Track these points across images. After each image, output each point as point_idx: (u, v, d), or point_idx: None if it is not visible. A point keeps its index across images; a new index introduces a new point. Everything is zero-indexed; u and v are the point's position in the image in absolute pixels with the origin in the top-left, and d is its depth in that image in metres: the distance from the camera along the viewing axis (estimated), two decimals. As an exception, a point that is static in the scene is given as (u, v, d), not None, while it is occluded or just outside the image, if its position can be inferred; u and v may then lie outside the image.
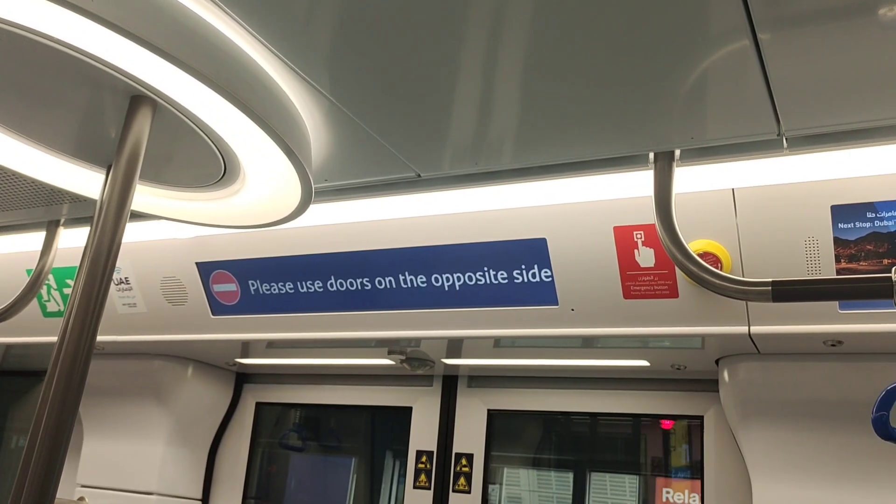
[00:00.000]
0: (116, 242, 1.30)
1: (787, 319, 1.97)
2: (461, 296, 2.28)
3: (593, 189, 1.94)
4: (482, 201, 2.07)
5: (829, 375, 2.17)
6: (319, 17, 1.25)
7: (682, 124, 1.51)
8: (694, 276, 1.64)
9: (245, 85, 1.29)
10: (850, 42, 1.22)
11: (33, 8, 1.13)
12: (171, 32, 1.17)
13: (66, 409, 1.19)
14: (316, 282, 2.46)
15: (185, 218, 1.87)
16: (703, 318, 2.05)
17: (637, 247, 2.02)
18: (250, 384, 3.58)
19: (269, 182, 1.64)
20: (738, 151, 1.64)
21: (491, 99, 1.46)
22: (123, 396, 3.32)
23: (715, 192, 1.89)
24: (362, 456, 3.50)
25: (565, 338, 2.27)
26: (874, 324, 1.88)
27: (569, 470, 3.02)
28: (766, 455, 2.26)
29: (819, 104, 1.41)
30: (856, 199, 1.77)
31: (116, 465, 3.30)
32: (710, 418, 2.68)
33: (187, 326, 2.80)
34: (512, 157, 1.71)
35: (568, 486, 2.99)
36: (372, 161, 1.77)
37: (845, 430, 2.15)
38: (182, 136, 1.47)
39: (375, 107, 1.51)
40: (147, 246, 2.65)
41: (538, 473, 3.09)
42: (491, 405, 3.08)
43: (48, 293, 2.98)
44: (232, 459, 3.51)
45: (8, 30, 1.19)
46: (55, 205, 2.28)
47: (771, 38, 1.22)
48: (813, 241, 1.84)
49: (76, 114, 1.45)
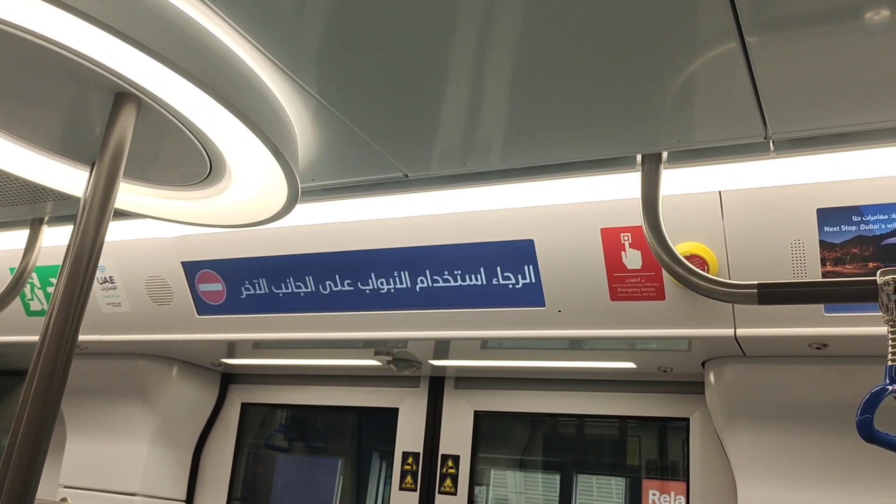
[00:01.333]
0: (99, 240, 1.29)
1: (772, 322, 1.98)
2: (448, 297, 2.27)
3: (581, 191, 1.95)
4: (469, 202, 2.07)
5: (814, 378, 2.18)
6: (307, 17, 1.24)
7: (669, 126, 1.51)
8: (680, 278, 1.64)
9: (231, 83, 1.28)
10: (837, 46, 1.22)
11: (17, 4, 1.12)
12: (157, 29, 1.16)
13: (46, 408, 1.18)
14: (303, 282, 2.45)
15: (170, 217, 1.85)
16: (689, 320, 2.06)
17: (624, 249, 2.02)
18: (236, 384, 3.56)
19: (256, 181, 1.63)
20: (726, 154, 1.64)
21: (479, 100, 1.46)
22: (107, 396, 3.29)
23: (702, 195, 1.89)
24: (348, 457, 3.49)
25: (552, 339, 2.27)
26: (859, 327, 1.89)
27: (555, 471, 3.02)
28: (751, 457, 2.27)
29: (806, 108, 1.42)
30: (842, 202, 1.78)
31: (99, 466, 3.27)
32: (696, 420, 2.68)
33: (172, 326, 2.78)
34: (500, 158, 1.71)
35: (555, 487, 2.99)
36: (359, 161, 1.76)
37: (830, 432, 2.16)
38: (167, 133, 1.45)
39: (363, 107, 1.50)
40: (132, 245, 2.63)
41: (525, 475, 3.08)
42: (478, 406, 3.07)
43: (31, 292, 2.95)
44: (217, 460, 3.49)
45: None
46: (39, 203, 2.26)
47: (758, 42, 1.22)
48: (799, 243, 1.84)
49: (60, 111, 1.44)
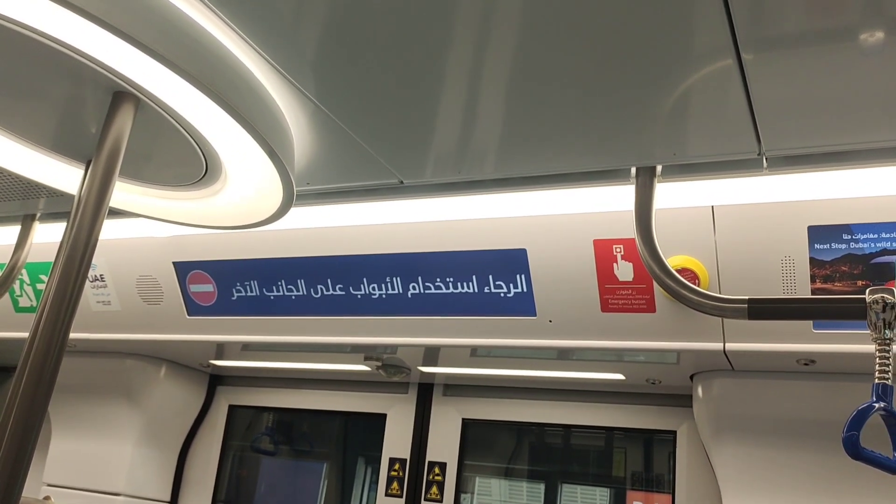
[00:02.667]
0: (93, 239, 1.28)
1: (761, 337, 1.99)
2: (440, 304, 2.28)
3: (574, 202, 1.95)
4: (463, 210, 2.07)
5: (801, 394, 2.19)
6: (307, 20, 1.24)
7: (664, 140, 1.52)
8: (671, 292, 1.65)
9: (230, 84, 1.29)
10: (833, 66, 1.24)
11: (19, 0, 1.12)
12: (156, 29, 1.16)
13: (35, 406, 1.17)
14: (294, 285, 2.45)
15: (164, 217, 1.85)
16: (679, 333, 2.07)
17: (616, 260, 2.03)
18: (223, 386, 3.55)
19: (251, 183, 1.63)
20: (719, 169, 1.66)
21: (476, 109, 1.46)
22: (94, 395, 3.27)
23: (694, 209, 1.90)
24: (334, 462, 3.48)
25: (542, 349, 2.27)
26: (847, 344, 1.90)
27: (540, 481, 3.02)
28: (737, 471, 2.27)
29: (800, 125, 1.43)
30: (832, 220, 1.80)
31: (84, 465, 3.25)
32: (683, 433, 2.69)
33: (162, 326, 2.77)
34: (495, 166, 1.71)
35: (539, 497, 2.99)
36: (355, 166, 1.76)
37: (816, 448, 2.17)
38: (164, 133, 1.45)
39: (360, 111, 1.51)
40: (124, 244, 2.62)
41: (510, 483, 3.08)
42: (465, 414, 3.07)
43: (21, 288, 2.94)
44: (202, 462, 3.48)
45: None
46: (32, 199, 2.25)
47: (754, 59, 1.23)
48: (789, 260, 1.86)
49: (57, 107, 1.44)
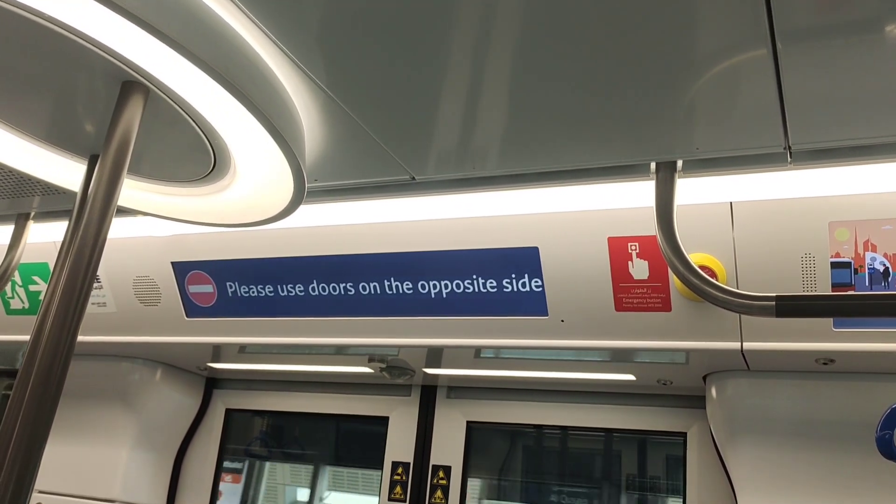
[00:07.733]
0: (101, 238, 1.22)
1: (779, 336, 1.95)
2: (448, 304, 2.22)
3: (588, 198, 1.90)
4: (474, 207, 2.02)
5: (819, 394, 2.15)
6: (318, 8, 1.19)
7: (686, 133, 1.48)
8: (695, 289, 1.60)
9: (243, 72, 1.23)
10: (864, 58, 1.20)
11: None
12: (169, 14, 1.10)
13: (42, 414, 1.10)
14: (297, 285, 2.38)
15: (169, 214, 1.78)
16: (695, 332, 2.02)
17: (631, 258, 1.98)
18: (220, 390, 3.48)
19: (260, 178, 1.57)
20: (741, 164, 1.61)
21: (493, 103, 1.42)
22: (88, 399, 3.20)
23: (712, 205, 1.86)
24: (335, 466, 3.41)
25: (554, 349, 2.22)
26: (868, 343, 1.86)
27: (547, 483, 2.97)
28: (753, 473, 2.23)
29: (829, 118, 1.39)
30: (855, 216, 1.76)
31: (77, 471, 3.17)
32: (694, 435, 2.65)
33: (160, 328, 2.70)
34: (512, 161, 1.66)
35: (546, 499, 2.94)
36: (365, 161, 1.71)
37: (834, 449, 2.13)
38: (172, 126, 1.39)
39: (372, 104, 1.46)
40: (120, 243, 2.55)
41: (517, 486, 3.03)
42: (470, 417, 3.02)
43: (12, 290, 2.86)
44: (199, 466, 3.40)
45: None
46: (26, 197, 2.17)
47: (790, 49, 1.19)
48: (809, 257, 1.82)
49: (60, 98, 1.37)
